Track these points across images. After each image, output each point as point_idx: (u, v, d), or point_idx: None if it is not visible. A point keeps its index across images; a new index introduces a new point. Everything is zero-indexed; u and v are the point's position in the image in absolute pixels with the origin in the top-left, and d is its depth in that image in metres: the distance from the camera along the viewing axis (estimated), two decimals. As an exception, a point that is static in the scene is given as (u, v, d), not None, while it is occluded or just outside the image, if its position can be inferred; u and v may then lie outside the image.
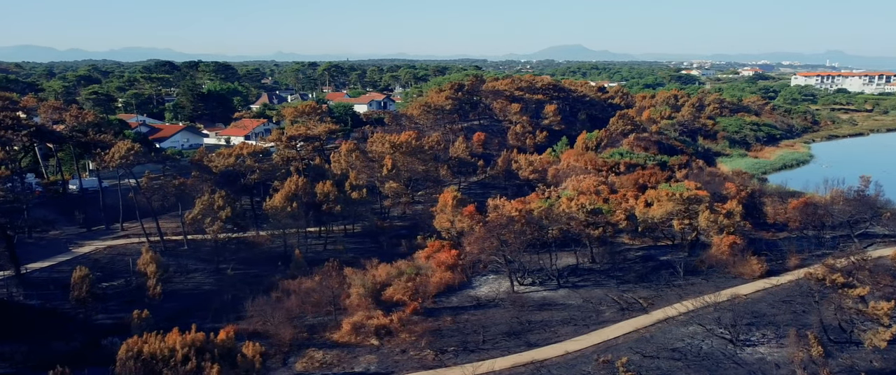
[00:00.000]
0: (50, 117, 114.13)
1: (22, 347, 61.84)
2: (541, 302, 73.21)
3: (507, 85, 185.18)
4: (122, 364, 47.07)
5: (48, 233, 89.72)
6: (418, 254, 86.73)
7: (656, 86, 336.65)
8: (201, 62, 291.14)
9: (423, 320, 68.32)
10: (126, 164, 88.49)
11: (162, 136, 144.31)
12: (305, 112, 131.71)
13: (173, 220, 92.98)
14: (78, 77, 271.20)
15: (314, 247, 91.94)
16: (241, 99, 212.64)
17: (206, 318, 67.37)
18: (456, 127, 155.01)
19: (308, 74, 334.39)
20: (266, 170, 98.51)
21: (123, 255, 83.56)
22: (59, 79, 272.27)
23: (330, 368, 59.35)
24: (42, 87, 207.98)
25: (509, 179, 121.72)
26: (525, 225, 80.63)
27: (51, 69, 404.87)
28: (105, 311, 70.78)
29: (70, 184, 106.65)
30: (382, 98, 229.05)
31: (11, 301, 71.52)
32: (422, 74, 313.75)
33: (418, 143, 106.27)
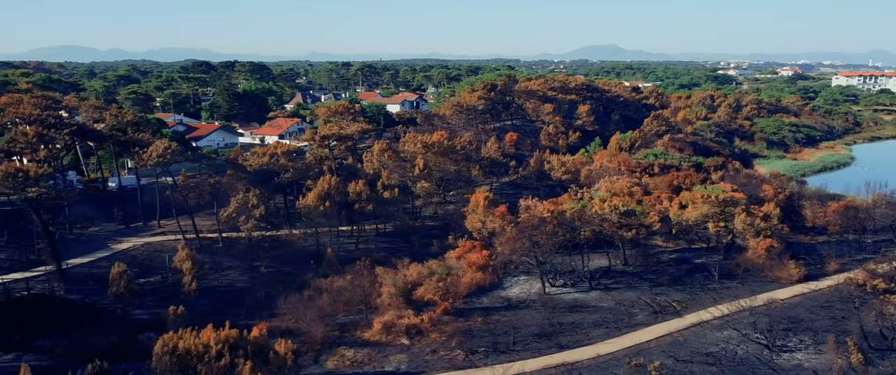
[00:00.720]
0: (91, 116, 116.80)
1: (62, 341, 63.37)
2: (572, 303, 72.69)
3: (540, 85, 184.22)
4: (157, 359, 47.97)
5: (88, 230, 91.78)
6: (449, 254, 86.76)
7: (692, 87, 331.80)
8: (237, 62, 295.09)
9: (453, 320, 68.32)
10: (163, 163, 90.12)
11: (198, 135, 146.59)
12: (338, 111, 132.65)
13: (209, 218, 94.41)
14: (118, 77, 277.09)
15: (346, 246, 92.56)
16: (276, 98, 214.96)
17: (239, 315, 68.28)
18: (488, 127, 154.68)
19: (341, 74, 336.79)
20: (299, 169, 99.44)
21: (160, 252, 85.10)
22: (99, 79, 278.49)
23: (361, 366, 59.67)
24: (83, 87, 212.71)
25: (541, 180, 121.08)
26: (557, 227, 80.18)
27: (92, 69, 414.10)
28: (142, 307, 72.18)
29: (109, 182, 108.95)
30: (415, 98, 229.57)
31: (53, 295, 73.36)
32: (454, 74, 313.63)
33: (450, 143, 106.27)
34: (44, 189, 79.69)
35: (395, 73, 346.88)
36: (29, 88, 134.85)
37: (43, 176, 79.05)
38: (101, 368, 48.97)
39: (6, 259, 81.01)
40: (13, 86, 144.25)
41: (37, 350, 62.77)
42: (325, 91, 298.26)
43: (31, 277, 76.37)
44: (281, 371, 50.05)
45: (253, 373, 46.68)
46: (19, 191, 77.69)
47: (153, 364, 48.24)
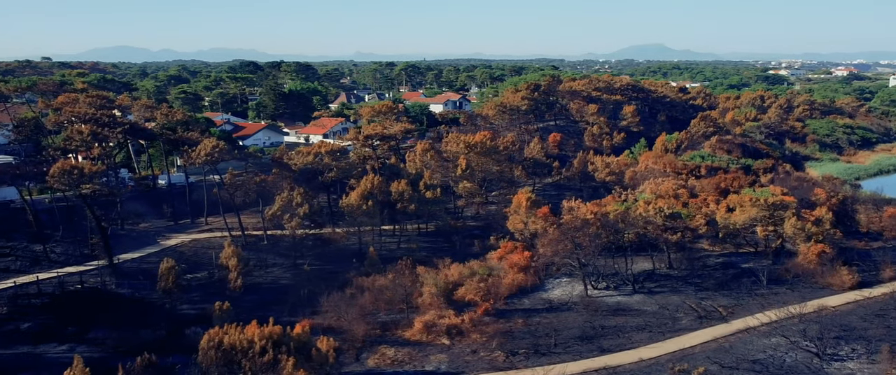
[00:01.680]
0: (142, 115, 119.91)
1: (113, 333, 65.28)
2: (615, 306, 71.83)
3: (585, 85, 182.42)
4: (203, 354, 48.97)
5: (138, 226, 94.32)
6: (491, 255, 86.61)
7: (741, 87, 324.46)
8: (283, 62, 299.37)
9: (494, 321, 68.17)
10: (211, 161, 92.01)
11: (245, 134, 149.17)
12: (382, 111, 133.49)
13: (254, 216, 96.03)
14: (168, 77, 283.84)
15: (388, 245, 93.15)
16: (321, 98, 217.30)
17: (282, 312, 69.25)
18: (531, 127, 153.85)
19: (385, 74, 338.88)
20: (343, 169, 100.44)
21: (207, 248, 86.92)
22: (151, 78, 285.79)
23: (401, 365, 59.97)
24: (136, 87, 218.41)
25: (585, 181, 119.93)
26: (600, 229, 79.33)
27: (144, 69, 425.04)
28: (189, 302, 73.85)
29: (159, 180, 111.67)
30: (458, 98, 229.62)
31: (105, 289, 75.61)
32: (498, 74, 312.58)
33: (493, 144, 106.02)
34: (97, 186, 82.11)
35: (438, 73, 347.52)
36: (84, 88, 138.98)
37: (97, 173, 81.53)
38: (150, 361, 50.26)
39: (61, 253, 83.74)
40: (70, 85, 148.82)
41: (89, 342, 64.82)
42: (369, 91, 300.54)
43: (85, 271, 78.80)
44: (322, 369, 50.62)
45: (295, 370, 47.29)
46: (74, 188, 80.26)
47: (199, 358, 49.27)
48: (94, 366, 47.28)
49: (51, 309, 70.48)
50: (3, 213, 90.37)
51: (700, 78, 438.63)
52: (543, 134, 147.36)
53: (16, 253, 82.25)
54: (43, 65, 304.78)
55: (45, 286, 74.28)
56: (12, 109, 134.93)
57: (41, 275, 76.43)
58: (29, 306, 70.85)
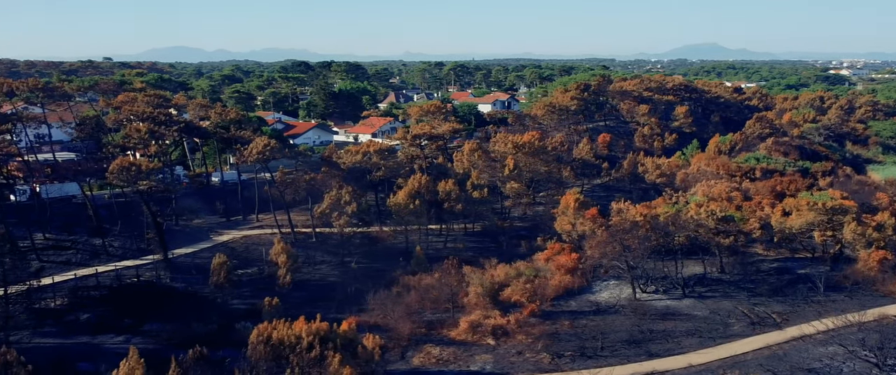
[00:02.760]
0: (197, 114, 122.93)
1: (167, 326, 67.12)
2: (664, 310, 70.55)
3: (636, 85, 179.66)
4: (252, 348, 49.94)
5: (192, 222, 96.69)
6: (538, 256, 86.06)
7: (799, 87, 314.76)
8: (334, 62, 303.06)
9: (540, 322, 67.72)
10: (263, 159, 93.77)
11: (295, 133, 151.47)
12: (430, 111, 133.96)
13: (303, 213, 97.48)
14: (223, 76, 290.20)
15: (435, 244, 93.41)
16: (370, 98, 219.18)
17: (330, 309, 70.07)
18: (580, 127, 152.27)
19: (434, 74, 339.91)
20: (391, 168, 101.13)
21: (258, 245, 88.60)
22: (206, 78, 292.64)
23: (446, 365, 60.06)
24: (191, 86, 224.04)
25: (635, 182, 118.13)
26: (650, 231, 78.03)
27: (200, 69, 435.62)
28: (239, 297, 75.41)
29: (212, 177, 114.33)
30: (506, 98, 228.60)
31: (159, 283, 77.82)
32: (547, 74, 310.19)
33: (541, 144, 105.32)
34: (154, 182, 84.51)
35: (487, 73, 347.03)
36: (143, 87, 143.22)
37: (153, 170, 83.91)
38: (201, 354, 51.34)
39: (119, 247, 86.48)
40: (129, 85, 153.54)
41: (144, 334, 66.77)
42: (418, 90, 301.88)
43: (141, 265, 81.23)
44: (368, 366, 51.09)
45: (341, 366, 47.84)
46: (132, 184, 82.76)
47: (248, 352, 50.25)
48: (149, 357, 48.63)
49: (108, 301, 72.87)
50: (65, 208, 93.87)
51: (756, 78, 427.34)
52: (593, 134, 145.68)
53: (77, 246, 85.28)
54: (104, 65, 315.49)
55: (104, 278, 76.86)
56: (75, 108, 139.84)
57: (100, 268, 79.13)
58: (88, 297, 73.40)
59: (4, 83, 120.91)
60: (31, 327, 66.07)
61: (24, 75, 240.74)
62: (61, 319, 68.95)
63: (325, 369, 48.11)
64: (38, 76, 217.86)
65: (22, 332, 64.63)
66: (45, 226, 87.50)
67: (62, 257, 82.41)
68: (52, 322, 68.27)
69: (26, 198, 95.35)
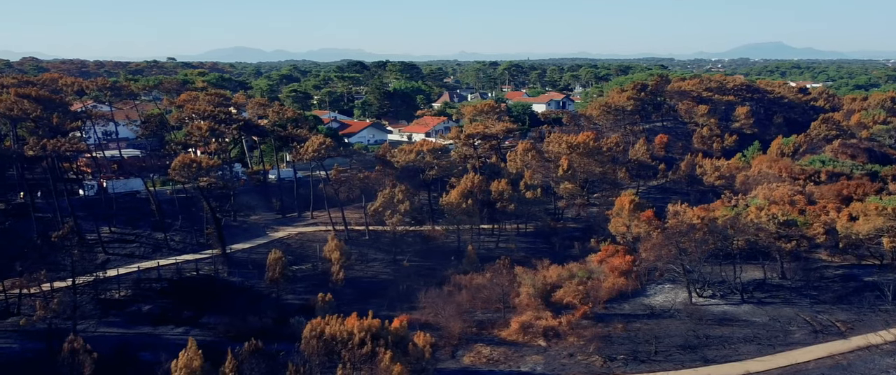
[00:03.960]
0: (256, 113, 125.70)
1: (224, 319, 68.84)
2: (721, 316, 68.81)
3: (695, 85, 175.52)
4: (306, 342, 50.80)
5: (249, 218, 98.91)
6: (591, 258, 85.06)
7: (869, 88, 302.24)
8: (389, 62, 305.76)
9: (592, 325, 66.93)
10: (318, 157, 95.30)
11: (350, 132, 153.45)
12: (484, 110, 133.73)
13: (357, 211, 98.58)
14: (280, 76, 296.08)
15: (486, 244, 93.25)
16: (424, 97, 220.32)
17: (381, 306, 70.74)
18: (637, 128, 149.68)
19: (488, 73, 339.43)
20: (444, 167, 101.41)
21: (312, 241, 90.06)
22: (264, 78, 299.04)
23: (496, 365, 59.92)
24: (250, 86, 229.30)
25: (692, 184, 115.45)
26: (707, 234, 76.13)
27: (259, 69, 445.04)
28: (293, 292, 76.81)
29: (270, 174, 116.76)
30: (561, 98, 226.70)
31: (217, 277, 79.92)
32: (603, 74, 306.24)
33: (596, 144, 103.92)
34: (214, 179, 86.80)
35: (542, 73, 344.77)
36: (204, 87, 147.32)
37: (213, 167, 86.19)
38: (256, 347, 52.47)
39: (180, 241, 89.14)
40: (191, 84, 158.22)
41: (202, 326, 68.68)
42: (472, 90, 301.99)
43: (200, 259, 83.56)
44: (418, 363, 51.32)
45: (392, 363, 48.20)
46: (193, 180, 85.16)
47: (302, 346, 51.15)
48: (206, 349, 50.02)
49: (169, 293, 75.24)
50: (130, 203, 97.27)
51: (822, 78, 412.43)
52: (649, 135, 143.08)
53: (140, 239, 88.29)
54: (168, 65, 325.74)
55: (165, 271, 79.42)
56: (140, 106, 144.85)
57: (161, 262, 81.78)
58: (150, 290, 75.96)
59: (75, 82, 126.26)
60: (96, 317, 68.68)
61: (93, 75, 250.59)
62: (125, 310, 71.55)
63: (376, 365, 48.59)
64: (107, 76, 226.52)
65: (88, 321, 67.24)
66: (111, 220, 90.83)
67: (126, 250, 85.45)
68: (116, 312, 70.90)
69: (94, 193, 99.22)
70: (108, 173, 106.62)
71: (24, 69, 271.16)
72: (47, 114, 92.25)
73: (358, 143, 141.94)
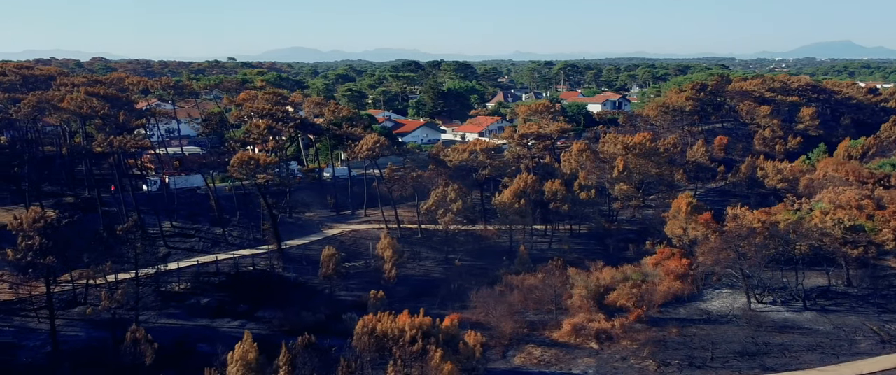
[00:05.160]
0: (312, 111, 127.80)
1: (278, 313, 70.18)
2: (781, 323, 66.61)
3: (757, 85, 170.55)
4: (357, 338, 51.25)
5: (304, 215, 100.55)
6: (646, 260, 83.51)
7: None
8: (443, 62, 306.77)
9: (646, 328, 65.67)
10: (372, 156, 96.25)
11: (404, 131, 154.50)
12: (538, 110, 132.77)
13: (410, 209, 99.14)
14: (336, 75, 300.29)
15: (539, 245, 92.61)
16: (478, 97, 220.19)
17: (433, 304, 70.95)
18: (695, 129, 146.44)
19: (543, 73, 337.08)
20: (497, 167, 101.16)
21: (365, 239, 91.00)
22: (321, 77, 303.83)
23: (547, 366, 59.39)
24: (307, 85, 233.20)
25: (752, 187, 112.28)
26: (768, 239, 73.82)
27: (315, 69, 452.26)
28: (346, 289, 77.73)
29: (325, 172, 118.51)
30: (617, 98, 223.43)
31: (273, 272, 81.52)
32: (661, 74, 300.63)
33: (653, 145, 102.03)
34: (270, 176, 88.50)
35: (597, 73, 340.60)
36: (263, 86, 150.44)
37: (270, 164, 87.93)
38: (310, 342, 53.23)
39: (237, 237, 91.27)
40: (250, 83, 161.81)
41: (257, 320, 70.15)
42: (527, 90, 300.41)
43: (256, 254, 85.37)
44: (469, 363, 51.22)
45: (442, 361, 48.20)
46: (251, 177, 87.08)
47: (354, 342, 51.64)
48: (261, 342, 50.98)
49: (226, 287, 77.11)
50: (190, 198, 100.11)
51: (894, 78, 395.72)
52: (708, 136, 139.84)
53: (199, 234, 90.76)
54: (228, 64, 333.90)
55: (223, 266, 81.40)
56: (202, 105, 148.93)
57: (220, 256, 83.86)
58: (208, 283, 77.99)
59: (141, 81, 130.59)
60: (157, 308, 70.95)
61: (157, 74, 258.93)
62: (184, 302, 73.66)
63: (426, 363, 48.69)
64: (170, 75, 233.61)
65: (149, 312, 69.52)
66: (173, 215, 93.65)
67: (186, 244, 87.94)
68: (176, 304, 73.07)
69: (157, 189, 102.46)
70: (170, 169, 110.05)
71: (94, 69, 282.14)
72: (114, 112, 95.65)
73: (411, 142, 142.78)
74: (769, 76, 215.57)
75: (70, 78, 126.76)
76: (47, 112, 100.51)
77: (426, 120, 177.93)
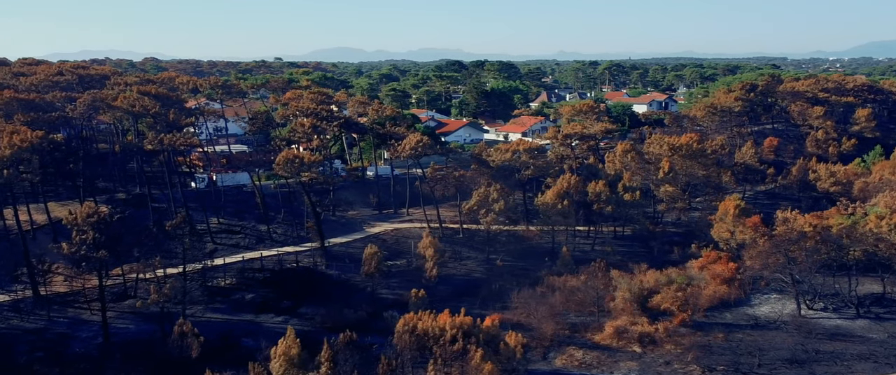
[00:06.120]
0: (356, 111, 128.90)
1: (321, 310, 71.04)
2: (833, 330, 64.71)
3: (810, 85, 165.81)
4: (398, 336, 51.57)
5: (347, 213, 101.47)
6: (691, 263, 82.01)
7: None
8: (487, 62, 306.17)
9: (691, 333, 64.53)
10: (415, 155, 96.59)
11: (447, 130, 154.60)
12: (582, 111, 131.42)
13: (451, 209, 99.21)
14: (380, 75, 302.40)
15: (582, 246, 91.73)
16: (522, 97, 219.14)
17: (473, 304, 70.85)
18: (744, 130, 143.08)
19: (588, 73, 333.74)
20: (540, 167, 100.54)
21: (407, 238, 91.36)
22: (365, 77, 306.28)
23: (589, 369, 58.82)
24: (351, 84, 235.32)
25: (804, 190, 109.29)
26: (820, 243, 71.79)
27: (360, 68, 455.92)
28: (388, 287, 78.19)
29: (368, 171, 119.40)
30: (664, 98, 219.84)
31: (316, 269, 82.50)
32: (709, 73, 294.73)
33: (700, 146, 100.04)
34: (315, 174, 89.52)
35: (643, 73, 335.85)
36: (308, 85, 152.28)
37: (315, 162, 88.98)
38: (351, 338, 53.76)
39: (282, 234, 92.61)
40: (296, 83, 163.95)
41: (300, 316, 71.12)
42: (571, 90, 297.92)
43: (300, 251, 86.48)
44: (509, 363, 51.06)
45: (483, 361, 48.14)
46: (295, 175, 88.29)
47: (394, 339, 51.97)
48: (303, 338, 51.70)
49: (270, 283, 78.37)
50: (237, 196, 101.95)
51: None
52: (758, 138, 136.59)
53: (245, 231, 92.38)
54: (275, 64, 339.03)
55: (267, 262, 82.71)
56: (249, 104, 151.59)
57: (264, 253, 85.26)
58: (253, 279, 79.35)
59: (190, 81, 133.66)
60: (204, 302, 72.48)
61: (206, 74, 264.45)
62: (229, 297, 75.11)
63: (466, 363, 48.68)
64: (219, 75, 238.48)
65: (196, 307, 71.05)
66: (220, 212, 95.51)
67: (232, 240, 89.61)
68: (222, 299, 74.56)
69: (205, 186, 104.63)
70: (217, 167, 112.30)
71: (146, 68, 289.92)
72: (165, 111, 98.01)
73: (454, 142, 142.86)
74: (823, 76, 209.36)
75: (123, 77, 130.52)
76: (101, 110, 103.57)
77: (469, 119, 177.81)
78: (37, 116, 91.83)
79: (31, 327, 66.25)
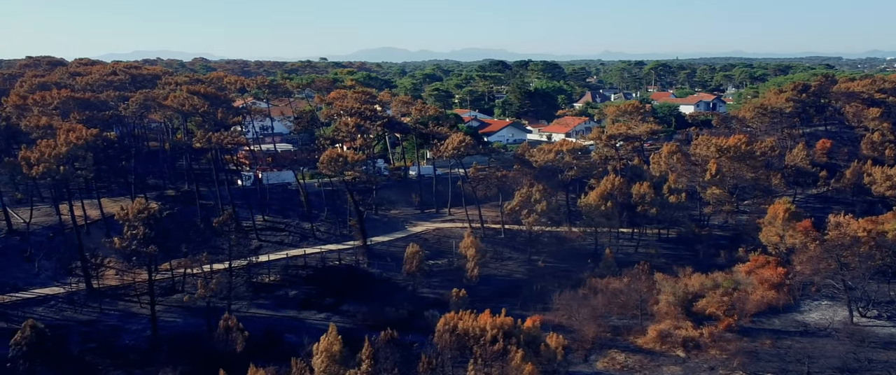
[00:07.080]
0: (399, 110, 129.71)
1: (362, 307, 71.73)
2: (887, 339, 62.65)
3: (865, 86, 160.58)
4: (439, 336, 51.68)
5: (389, 212, 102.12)
6: (738, 268, 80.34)
7: None
8: (531, 61, 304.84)
9: (737, 338, 63.21)
10: (457, 155, 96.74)
11: (490, 130, 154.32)
12: (627, 111, 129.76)
13: (493, 209, 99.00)
14: (424, 75, 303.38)
15: (625, 248, 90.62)
16: (566, 97, 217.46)
17: (514, 305, 70.63)
18: (795, 132, 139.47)
19: (633, 73, 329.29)
20: (583, 168, 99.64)
21: (448, 237, 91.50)
22: (408, 77, 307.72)
23: (631, 372, 58.10)
24: (395, 84, 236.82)
25: (858, 194, 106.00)
26: (874, 249, 69.63)
27: (404, 68, 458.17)
28: (429, 286, 78.47)
29: (410, 170, 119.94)
30: (712, 99, 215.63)
31: (358, 267, 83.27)
32: (759, 74, 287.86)
33: (748, 148, 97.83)
34: (358, 173, 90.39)
35: (691, 73, 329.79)
36: (352, 85, 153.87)
37: (358, 161, 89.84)
38: (392, 336, 54.16)
39: (325, 232, 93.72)
40: (340, 82, 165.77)
41: (342, 313, 71.92)
42: (616, 90, 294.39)
43: (343, 249, 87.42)
44: (550, 365, 50.74)
45: (523, 362, 47.96)
46: (339, 174, 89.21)
47: (435, 338, 52.09)
48: (345, 335, 52.21)
49: (313, 280, 79.37)
50: (282, 193, 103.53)
51: None
52: (810, 140, 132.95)
53: (289, 228, 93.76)
54: (320, 64, 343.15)
55: (310, 259, 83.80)
56: (294, 103, 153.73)
57: (308, 250, 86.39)
58: (296, 276, 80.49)
59: (238, 81, 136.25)
60: (248, 298, 73.77)
61: (253, 74, 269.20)
62: (273, 293, 76.33)
63: (507, 363, 48.55)
64: (265, 75, 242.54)
65: (241, 302, 72.38)
66: (265, 209, 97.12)
67: (277, 237, 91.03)
68: (266, 295, 75.81)
69: (251, 184, 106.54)
70: (263, 165, 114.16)
71: (195, 68, 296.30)
72: (213, 110, 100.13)
73: (497, 142, 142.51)
74: (879, 76, 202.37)
75: (173, 77, 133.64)
76: (152, 109, 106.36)
77: (512, 120, 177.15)
78: (91, 115, 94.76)
79: (84, 319, 68.40)
